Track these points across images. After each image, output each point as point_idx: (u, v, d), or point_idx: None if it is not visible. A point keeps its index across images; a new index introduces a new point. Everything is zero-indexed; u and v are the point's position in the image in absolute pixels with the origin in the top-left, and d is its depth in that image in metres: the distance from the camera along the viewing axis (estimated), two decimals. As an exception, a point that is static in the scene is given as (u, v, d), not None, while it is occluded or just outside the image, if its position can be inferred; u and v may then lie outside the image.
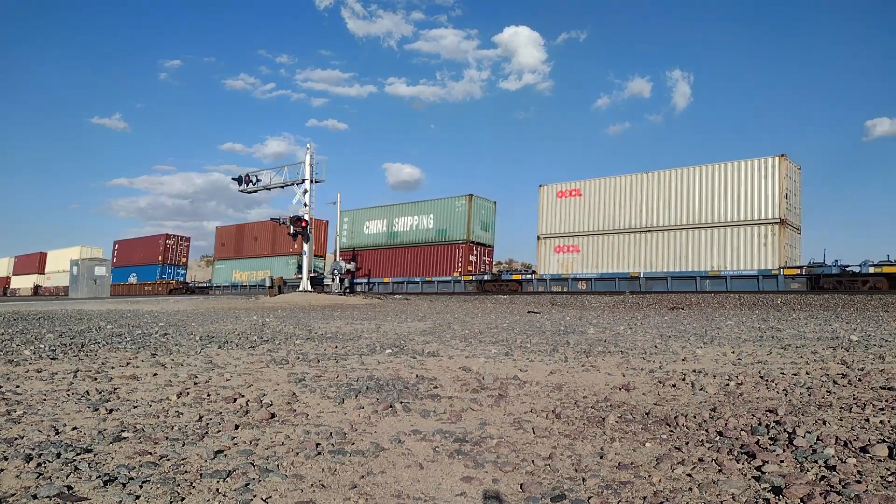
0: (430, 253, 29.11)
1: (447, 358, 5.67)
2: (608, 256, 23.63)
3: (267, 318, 12.44)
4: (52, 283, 52.85)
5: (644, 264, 22.66)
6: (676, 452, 2.58)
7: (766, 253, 19.98)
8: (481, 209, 29.27)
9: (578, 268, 24.21)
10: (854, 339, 7.14)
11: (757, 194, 20.31)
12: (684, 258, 21.78)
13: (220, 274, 41.83)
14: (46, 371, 4.64)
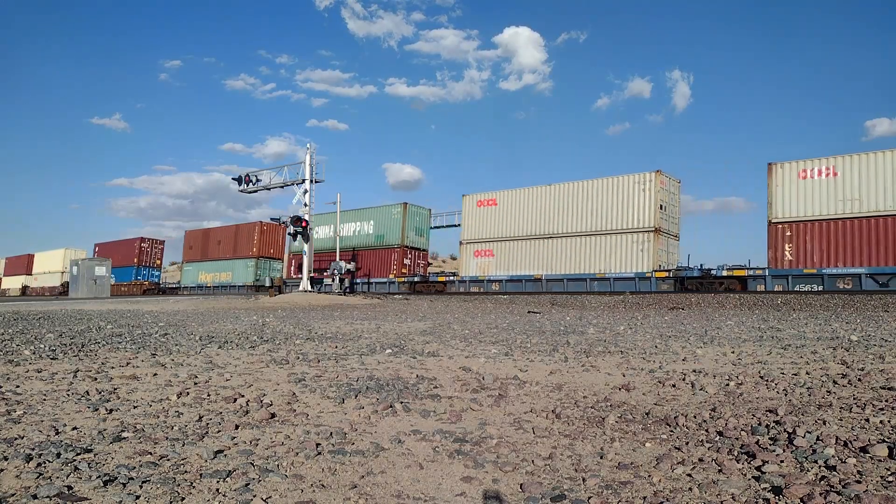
0: (371, 256, 31.73)
1: (447, 358, 5.68)
2: (517, 260, 26.29)
3: (267, 318, 12.44)
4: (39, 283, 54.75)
5: (546, 267, 25.34)
6: (676, 452, 2.58)
7: (643, 257, 22.74)
8: (416, 216, 32.18)
9: (493, 270, 26.82)
10: (854, 339, 7.14)
11: (636, 206, 23.12)
12: (578, 262, 24.58)
13: (188, 275, 44.31)
14: (46, 371, 4.64)
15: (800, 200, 20.09)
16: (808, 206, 19.98)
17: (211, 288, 41.70)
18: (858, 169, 19.17)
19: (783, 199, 20.44)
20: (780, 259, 20.32)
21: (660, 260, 22.75)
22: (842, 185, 19.38)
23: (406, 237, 31.39)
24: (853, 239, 19.07)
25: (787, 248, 20.23)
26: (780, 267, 20.32)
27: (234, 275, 40.58)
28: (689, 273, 21.91)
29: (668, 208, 23.47)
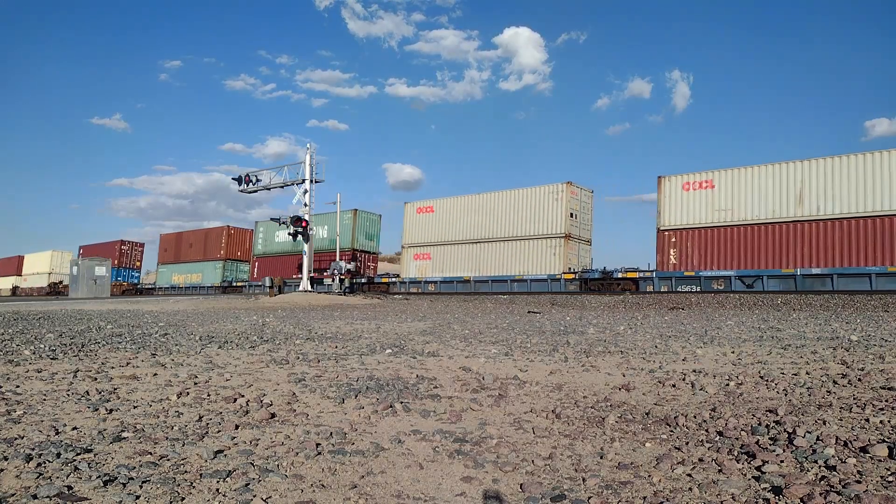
0: (323, 258, 33.15)
1: (447, 358, 5.68)
2: (451, 263, 28.52)
3: (267, 318, 12.44)
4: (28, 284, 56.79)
5: (474, 270, 27.60)
6: (676, 452, 2.58)
7: (555, 261, 25.10)
8: (366, 222, 34.50)
9: (430, 272, 28.95)
10: (854, 339, 7.14)
11: (549, 214, 25.57)
12: (501, 265, 26.77)
13: (162, 277, 46.30)
14: (46, 371, 4.64)
15: (683, 210, 22.40)
16: (689, 215, 22.27)
17: (183, 288, 43.62)
18: (732, 182, 21.39)
19: (669, 209, 22.72)
20: (666, 263, 22.56)
21: (570, 263, 25.06)
22: (718, 196, 21.63)
23: (356, 241, 33.79)
24: (726, 245, 21.36)
25: (671, 253, 22.53)
26: (665, 270, 22.59)
27: (204, 276, 42.37)
28: (591, 275, 24.30)
29: (578, 216, 25.98)
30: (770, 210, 20.56)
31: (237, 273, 41.55)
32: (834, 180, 19.46)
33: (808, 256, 19.76)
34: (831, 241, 19.40)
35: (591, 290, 23.75)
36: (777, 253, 20.29)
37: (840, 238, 19.26)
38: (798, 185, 20.02)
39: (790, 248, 20.08)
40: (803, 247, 19.84)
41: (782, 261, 20.16)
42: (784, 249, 20.19)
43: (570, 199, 25.34)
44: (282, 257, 36.38)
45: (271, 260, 37.51)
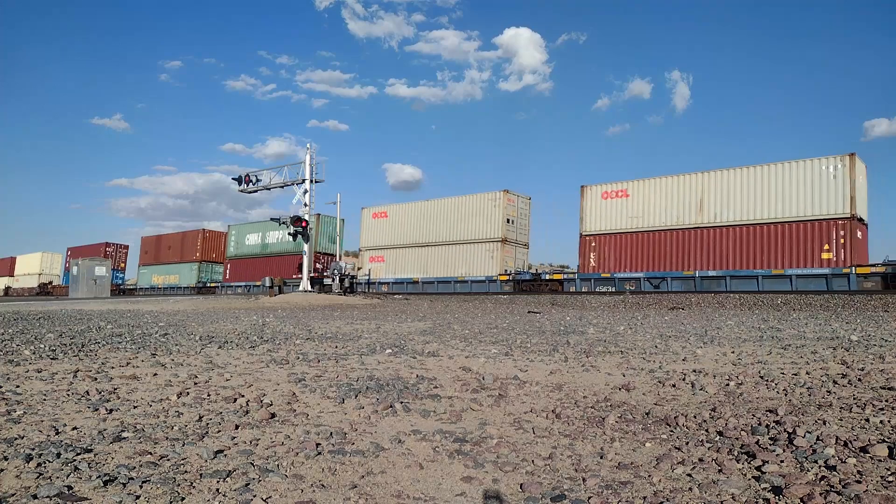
0: (289, 261, 35.31)
1: (447, 358, 5.67)
2: (402, 265, 30.52)
3: (267, 318, 12.44)
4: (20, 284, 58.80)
5: (422, 271, 29.46)
6: (676, 452, 2.58)
7: (492, 264, 27.04)
8: (328, 225, 36.22)
9: (383, 274, 31.12)
10: (854, 339, 7.14)
11: (487, 220, 27.57)
12: (446, 267, 28.74)
13: (143, 278, 48.21)
14: (46, 371, 4.64)
15: (602, 217, 24.46)
16: (607, 221, 24.30)
17: (161, 289, 45.48)
18: (644, 191, 23.43)
19: (590, 216, 24.75)
20: (587, 265, 24.66)
21: (506, 265, 26.92)
22: (631, 204, 23.62)
23: (319, 244, 35.32)
24: (638, 249, 23.40)
25: (591, 256, 24.55)
26: (586, 272, 24.64)
27: (181, 277, 44.05)
28: (523, 276, 26.25)
29: (515, 222, 27.90)
30: (675, 217, 22.60)
31: (212, 274, 42.94)
32: (729, 190, 21.44)
33: (707, 260, 21.77)
34: (726, 245, 21.32)
35: (522, 290, 25.64)
36: (680, 256, 22.32)
37: (733, 243, 21.17)
38: (699, 195, 22.05)
39: (691, 252, 22.09)
40: (702, 251, 21.88)
41: (684, 263, 22.22)
42: (686, 253, 22.20)
43: (508, 206, 27.47)
44: (252, 259, 38.70)
45: (243, 262, 39.49)
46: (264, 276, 35.38)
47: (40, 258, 56.87)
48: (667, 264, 22.59)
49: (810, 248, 19.65)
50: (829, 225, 19.37)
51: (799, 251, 19.87)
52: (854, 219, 19.04)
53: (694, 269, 21.90)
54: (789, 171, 20.33)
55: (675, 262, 22.40)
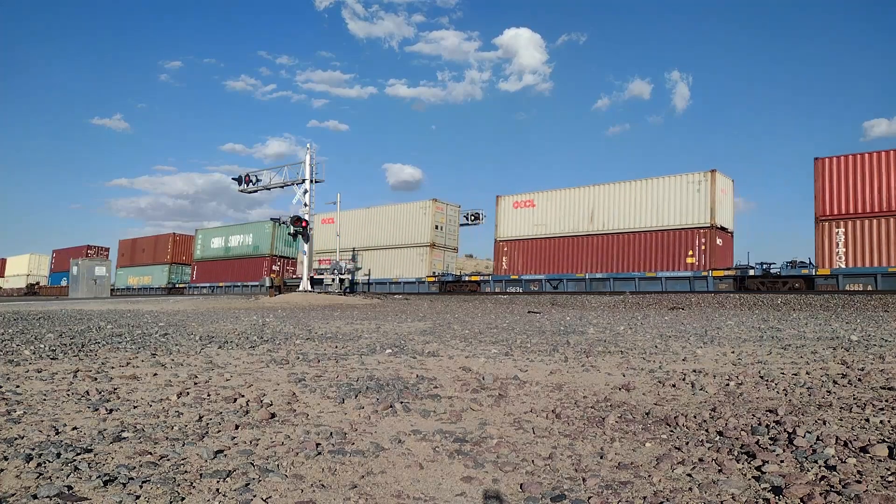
0: (249, 263, 38.84)
1: (447, 358, 5.67)
2: None
3: (267, 318, 12.44)
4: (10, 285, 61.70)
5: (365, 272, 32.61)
6: (676, 452, 2.58)
7: (422, 266, 29.95)
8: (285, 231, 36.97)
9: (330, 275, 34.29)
10: (854, 339, 7.14)
11: (419, 226, 30.51)
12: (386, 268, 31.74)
13: (120, 279, 50.52)
14: (46, 371, 4.64)
15: (513, 225, 27.16)
16: (517, 229, 27.01)
17: (136, 289, 48.15)
18: (547, 202, 26.17)
19: (503, 223, 27.52)
20: (500, 268, 27.48)
21: (434, 268, 29.90)
22: (537, 213, 26.43)
23: (275, 248, 38.14)
24: (541, 253, 26.15)
25: (504, 260, 27.33)
26: (499, 274, 27.53)
27: (154, 278, 46.57)
28: (447, 278, 29.32)
29: (444, 228, 30.93)
30: (572, 226, 25.39)
31: (181, 276, 45.36)
32: (615, 202, 24.18)
33: (596, 263, 24.59)
34: (612, 251, 24.16)
35: (447, 290, 28.76)
36: (575, 260, 25.15)
37: (618, 249, 23.99)
38: (591, 206, 24.85)
39: (584, 257, 24.91)
40: (593, 256, 24.70)
41: (578, 267, 25.11)
42: (580, 258, 25.03)
43: (436, 213, 30.44)
44: (217, 262, 41.47)
45: (209, 264, 42.11)
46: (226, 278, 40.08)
47: (28, 260, 59.60)
48: (564, 267, 25.43)
49: (678, 254, 22.40)
50: (693, 233, 22.09)
51: (669, 256, 22.59)
52: (714, 227, 21.69)
53: (585, 272, 24.78)
54: (662, 186, 23.04)
55: (571, 266, 25.27)
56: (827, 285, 19.24)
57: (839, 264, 19.24)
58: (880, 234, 18.64)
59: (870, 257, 18.75)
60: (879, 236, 18.67)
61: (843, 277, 19.02)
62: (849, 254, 19.17)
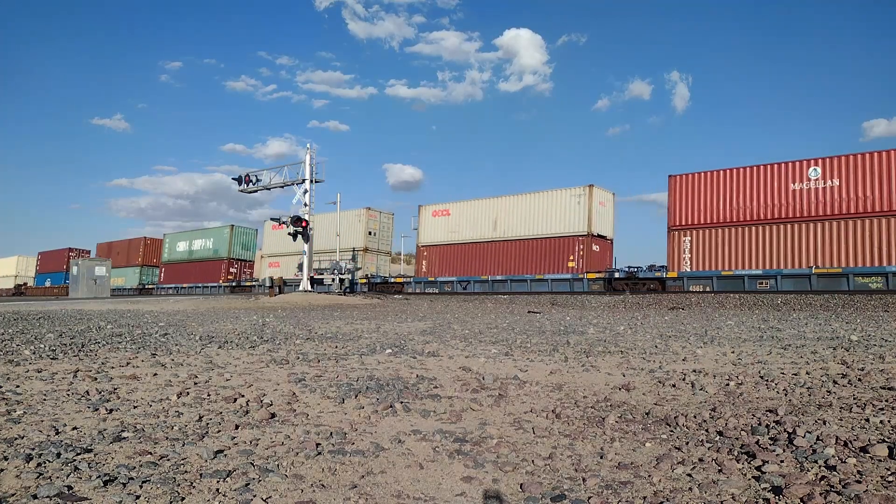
0: (209, 266, 41.94)
1: (447, 358, 5.68)
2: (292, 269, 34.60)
3: (267, 318, 12.44)
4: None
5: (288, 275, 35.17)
6: (676, 452, 2.58)
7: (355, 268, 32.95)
8: (243, 235, 42.32)
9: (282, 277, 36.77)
10: (854, 339, 7.14)
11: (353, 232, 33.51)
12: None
13: None
14: (46, 371, 4.64)
15: (432, 231, 30.26)
16: (435, 235, 30.14)
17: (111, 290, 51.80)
18: (460, 211, 29.45)
19: (424, 231, 30.61)
20: (420, 270, 30.54)
21: (367, 271, 33.40)
22: (451, 221, 29.63)
23: (232, 251, 41.27)
24: (454, 258, 29.30)
25: (423, 263, 30.37)
26: (419, 276, 30.36)
27: (126, 279, 49.29)
28: (375, 280, 32.37)
29: (377, 234, 34.46)
30: (479, 233, 28.44)
31: (151, 277, 47.95)
32: (514, 212, 27.25)
33: (499, 267, 27.53)
34: (510, 256, 27.19)
35: (377, 290, 31.86)
36: (482, 264, 28.08)
37: (516, 254, 26.98)
38: (495, 215, 27.75)
39: (489, 261, 27.88)
40: (496, 260, 27.64)
41: (484, 270, 28.02)
42: (485, 261, 28.00)
43: (370, 220, 34.09)
44: (181, 264, 44.42)
45: (175, 266, 45.07)
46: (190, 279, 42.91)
47: (16, 261, 62.47)
48: (473, 270, 28.39)
49: (562, 258, 25.52)
50: (573, 240, 25.25)
51: (555, 260, 25.71)
52: (591, 235, 25.02)
53: (489, 274, 27.65)
54: (550, 198, 26.24)
55: (478, 269, 28.20)
56: (675, 286, 22.12)
57: (685, 268, 22.15)
58: (718, 242, 21.51)
59: (709, 262, 21.66)
60: (717, 244, 21.53)
61: (688, 279, 21.90)
62: (693, 259, 22.04)
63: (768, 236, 20.45)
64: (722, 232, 21.35)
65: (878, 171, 18.91)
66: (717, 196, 21.61)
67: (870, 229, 18.85)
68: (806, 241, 19.83)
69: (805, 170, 20.11)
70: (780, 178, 20.50)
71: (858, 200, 19.17)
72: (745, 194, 21.02)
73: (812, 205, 19.84)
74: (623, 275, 23.91)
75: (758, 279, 20.42)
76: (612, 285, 23.96)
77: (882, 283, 18.49)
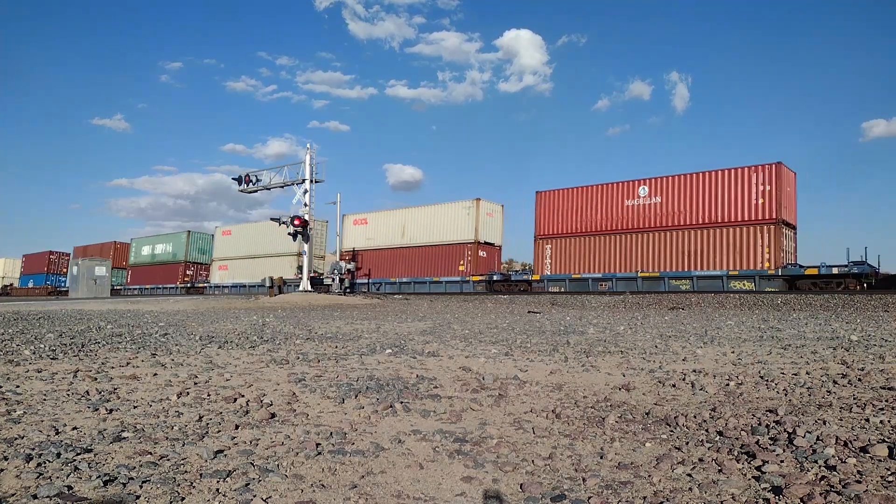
0: (168, 268, 45.74)
1: (447, 358, 5.67)
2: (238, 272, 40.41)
3: (267, 318, 12.44)
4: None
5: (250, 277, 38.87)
6: (676, 452, 2.58)
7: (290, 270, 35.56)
8: (200, 240, 45.90)
9: (227, 279, 40.98)
10: (854, 339, 7.14)
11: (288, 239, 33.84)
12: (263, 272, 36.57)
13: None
14: (46, 371, 4.64)
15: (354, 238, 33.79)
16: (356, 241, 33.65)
17: None
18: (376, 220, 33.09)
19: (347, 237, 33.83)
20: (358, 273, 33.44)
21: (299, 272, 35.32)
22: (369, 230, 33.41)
23: (189, 255, 44.95)
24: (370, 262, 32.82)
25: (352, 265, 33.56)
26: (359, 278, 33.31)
27: None
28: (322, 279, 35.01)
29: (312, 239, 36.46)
30: (391, 240, 31.87)
31: (121, 278, 50.86)
32: (418, 221, 30.94)
33: (406, 269, 31.12)
34: (415, 260, 30.82)
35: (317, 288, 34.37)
36: (392, 267, 31.73)
37: (419, 258, 30.63)
38: (403, 224, 31.23)
39: (398, 265, 31.51)
40: (404, 264, 31.25)
41: (394, 272, 31.70)
42: (395, 265, 31.62)
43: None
44: (145, 267, 48.06)
45: (140, 269, 48.70)
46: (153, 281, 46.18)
47: (3, 263, 65.29)
48: (386, 273, 31.91)
49: (454, 263, 29.25)
50: (463, 247, 29.05)
51: (449, 264, 29.40)
52: (478, 243, 28.91)
53: (397, 276, 31.40)
54: (445, 210, 30.15)
55: (390, 272, 31.71)
56: (539, 287, 25.90)
57: (547, 272, 25.87)
58: (572, 249, 25.26)
59: (565, 267, 25.43)
60: (571, 251, 25.28)
61: (548, 281, 25.60)
62: (553, 264, 25.71)
63: (608, 245, 24.23)
64: (575, 241, 25.16)
65: (689, 191, 22.38)
66: (572, 210, 25.41)
67: (681, 240, 22.42)
68: (635, 249, 23.51)
69: (636, 188, 23.78)
70: (619, 195, 24.11)
71: (674, 215, 22.74)
72: (593, 209, 24.84)
73: (641, 218, 23.50)
74: (500, 277, 27.87)
75: (599, 281, 24.24)
76: (492, 286, 27.72)
77: (689, 286, 21.84)
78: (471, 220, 29.15)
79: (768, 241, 20.61)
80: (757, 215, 20.84)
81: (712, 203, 21.77)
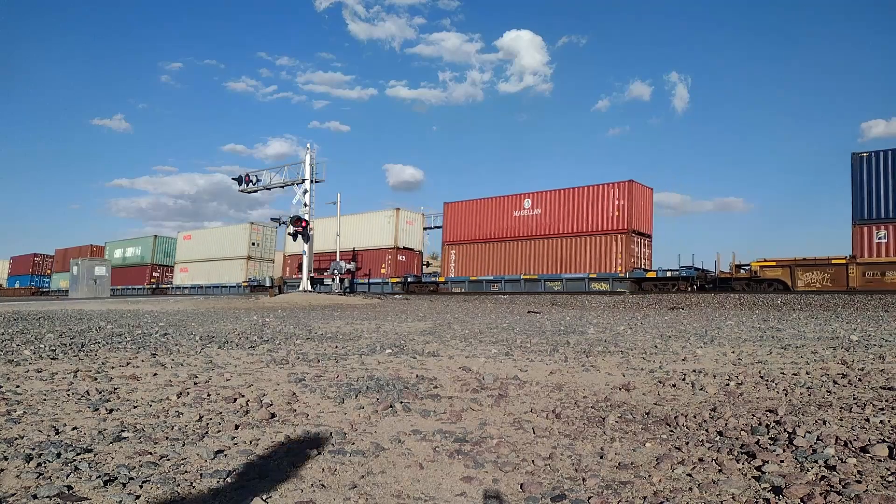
0: (137, 271, 49.11)
1: (447, 358, 5.67)
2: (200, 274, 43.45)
3: (267, 318, 12.44)
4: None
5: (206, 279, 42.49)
6: (676, 452, 2.58)
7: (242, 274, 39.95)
8: (165, 244, 48.85)
9: (188, 281, 44.09)
10: (854, 339, 7.14)
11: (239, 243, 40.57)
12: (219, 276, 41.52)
13: (54, 282, 58.79)
14: (46, 371, 4.64)
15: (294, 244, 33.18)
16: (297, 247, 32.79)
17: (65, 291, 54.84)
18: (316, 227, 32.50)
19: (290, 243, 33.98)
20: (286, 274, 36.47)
21: (250, 274, 39.90)
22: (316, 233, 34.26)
23: (155, 258, 47.99)
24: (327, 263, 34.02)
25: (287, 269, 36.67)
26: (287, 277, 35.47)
27: None
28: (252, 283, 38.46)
29: (261, 245, 41.06)
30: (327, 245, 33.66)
31: None
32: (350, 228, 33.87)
33: None
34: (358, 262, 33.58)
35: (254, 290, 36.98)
36: None
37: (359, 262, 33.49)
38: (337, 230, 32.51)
39: None
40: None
41: None
42: None
43: (253, 233, 40.73)
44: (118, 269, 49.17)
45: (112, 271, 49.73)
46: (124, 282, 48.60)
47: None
48: None
49: (378, 266, 33.06)
50: (385, 252, 32.95)
51: (376, 267, 33.20)
52: (398, 248, 32.79)
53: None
54: (370, 218, 34.23)
55: None
56: (444, 288, 29.21)
57: (451, 274, 29.23)
58: (472, 255, 28.47)
59: (466, 270, 28.62)
60: (471, 256, 28.50)
61: (452, 283, 29.01)
62: (457, 267, 29.07)
63: (500, 251, 27.46)
64: (474, 247, 28.42)
65: (563, 204, 25.68)
66: (473, 220, 28.63)
67: (555, 247, 25.67)
68: (521, 255, 26.71)
69: (523, 201, 27.02)
70: (509, 207, 27.34)
71: (550, 225, 26.03)
72: (489, 219, 28.04)
73: (525, 228, 26.75)
74: (413, 279, 31.24)
75: (491, 283, 27.41)
76: (407, 287, 30.98)
77: (560, 287, 25.05)
78: (391, 228, 33.03)
79: (621, 248, 23.96)
80: (613, 226, 24.21)
81: (579, 215, 25.22)
